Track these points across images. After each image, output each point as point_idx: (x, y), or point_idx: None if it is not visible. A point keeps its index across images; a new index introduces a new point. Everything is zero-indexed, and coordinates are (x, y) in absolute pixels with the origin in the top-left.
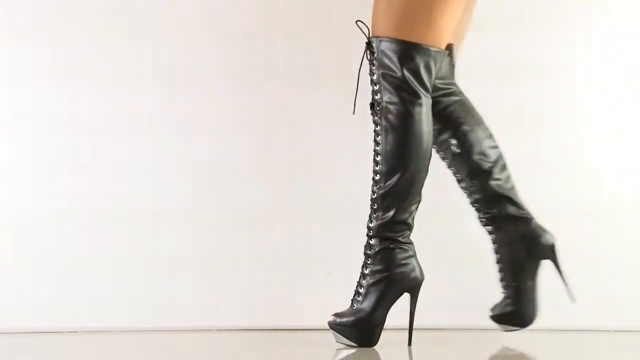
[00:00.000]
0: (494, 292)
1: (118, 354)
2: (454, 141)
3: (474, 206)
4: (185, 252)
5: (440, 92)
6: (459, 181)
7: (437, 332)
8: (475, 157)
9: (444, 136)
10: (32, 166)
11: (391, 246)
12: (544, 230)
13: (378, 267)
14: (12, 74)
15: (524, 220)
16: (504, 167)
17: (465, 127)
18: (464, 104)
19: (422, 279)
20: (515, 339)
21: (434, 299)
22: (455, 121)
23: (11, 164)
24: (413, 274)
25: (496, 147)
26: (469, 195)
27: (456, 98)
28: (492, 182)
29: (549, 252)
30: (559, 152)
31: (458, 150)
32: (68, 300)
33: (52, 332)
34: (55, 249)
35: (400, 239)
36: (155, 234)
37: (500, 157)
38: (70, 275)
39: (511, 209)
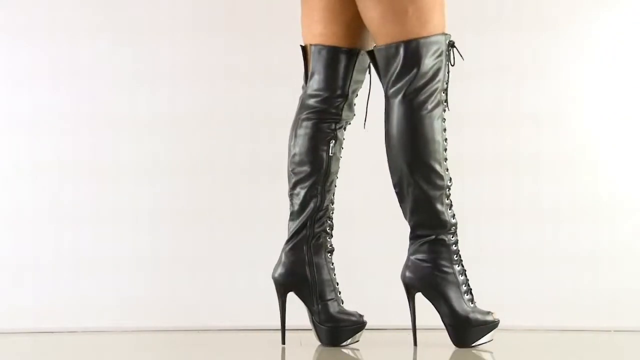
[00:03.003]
0: (490, 293)
1: (118, 354)
2: None
3: None
4: (185, 253)
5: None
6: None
7: (434, 332)
8: None
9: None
10: (32, 166)
11: None
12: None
13: None
14: (12, 74)
15: None
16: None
17: None
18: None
19: (273, 276)
20: (515, 338)
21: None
22: None
23: (11, 164)
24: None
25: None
26: None
27: None
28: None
29: None
30: (558, 152)
31: None
32: (68, 300)
33: (52, 332)
34: (55, 249)
35: None
36: (156, 234)
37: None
38: (70, 275)
39: None
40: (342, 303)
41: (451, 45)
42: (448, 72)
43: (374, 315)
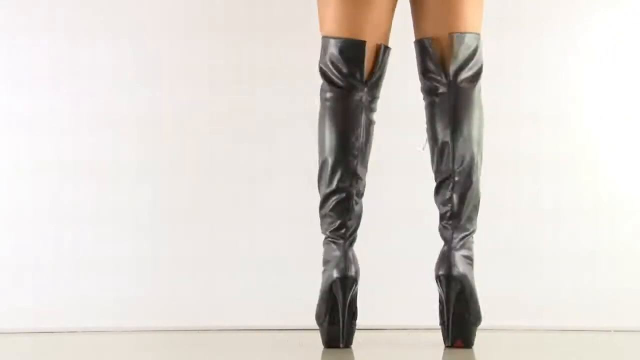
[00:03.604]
0: (490, 293)
1: (118, 354)
2: (424, 140)
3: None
4: (185, 253)
5: (426, 86)
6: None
7: (430, 332)
8: (432, 165)
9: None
10: (32, 166)
11: (326, 243)
12: (449, 263)
13: (323, 266)
14: (12, 74)
15: (445, 246)
16: (447, 186)
17: (429, 130)
18: (439, 107)
19: (348, 275)
20: (515, 338)
21: (422, 299)
22: (428, 121)
23: (11, 164)
24: (334, 273)
25: (457, 161)
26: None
27: (429, 99)
28: (435, 197)
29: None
30: (558, 152)
31: (421, 149)
32: (68, 300)
33: (52, 332)
34: (55, 249)
35: (329, 234)
36: (156, 234)
37: (450, 176)
38: (70, 275)
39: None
40: None
41: None
42: None
43: (374, 315)
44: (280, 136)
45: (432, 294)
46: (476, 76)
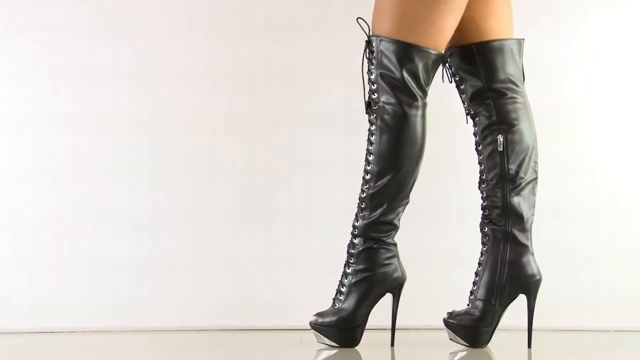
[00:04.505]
0: None
1: (118, 354)
2: (501, 138)
3: (484, 211)
4: (184, 252)
5: (508, 85)
6: (481, 181)
7: (427, 333)
8: (512, 165)
9: (493, 129)
10: (32, 166)
11: (375, 246)
12: (535, 266)
13: (361, 267)
14: (12, 74)
15: (523, 249)
16: (533, 190)
17: (519, 131)
18: (527, 109)
19: (404, 279)
20: (514, 338)
21: (422, 299)
22: (512, 120)
23: (11, 164)
24: (395, 274)
25: (536, 164)
26: (485, 198)
27: (521, 99)
28: (515, 198)
29: (530, 288)
30: (558, 152)
31: (501, 149)
32: (68, 300)
33: (52, 332)
34: (54, 249)
35: (384, 239)
36: (156, 234)
37: (535, 178)
38: (70, 275)
39: (516, 232)
40: None
41: None
42: None
43: (374, 315)
44: (280, 136)
45: (432, 294)
46: None
